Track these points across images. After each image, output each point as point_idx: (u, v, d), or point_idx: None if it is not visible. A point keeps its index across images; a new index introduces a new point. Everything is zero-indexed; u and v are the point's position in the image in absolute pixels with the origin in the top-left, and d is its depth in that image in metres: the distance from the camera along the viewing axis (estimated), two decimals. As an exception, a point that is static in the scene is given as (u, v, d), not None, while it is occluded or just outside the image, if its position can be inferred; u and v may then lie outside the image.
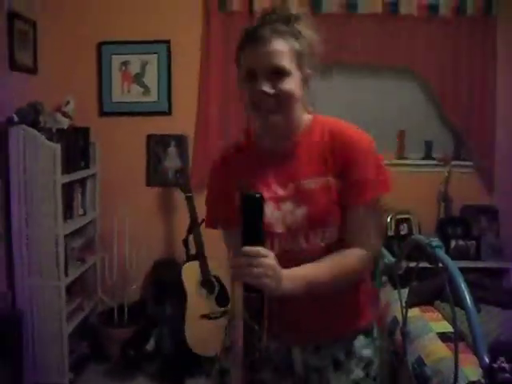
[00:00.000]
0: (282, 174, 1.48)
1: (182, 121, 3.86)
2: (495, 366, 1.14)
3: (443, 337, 1.87)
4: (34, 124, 3.15)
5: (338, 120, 1.53)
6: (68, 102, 3.44)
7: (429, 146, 3.91)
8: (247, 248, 1.24)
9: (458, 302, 1.44)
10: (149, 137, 3.91)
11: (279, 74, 1.38)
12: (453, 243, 3.66)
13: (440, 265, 1.56)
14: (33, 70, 3.46)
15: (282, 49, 1.38)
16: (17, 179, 3.09)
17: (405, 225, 3.77)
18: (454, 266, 1.49)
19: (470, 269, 3.56)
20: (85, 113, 3.72)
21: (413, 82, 3.92)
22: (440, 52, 3.74)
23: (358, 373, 1.51)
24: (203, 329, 3.39)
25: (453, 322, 1.49)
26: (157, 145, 3.91)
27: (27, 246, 3.15)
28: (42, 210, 3.13)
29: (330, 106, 3.90)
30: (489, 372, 1.14)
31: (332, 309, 1.49)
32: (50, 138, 3.17)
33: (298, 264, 1.37)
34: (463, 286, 1.37)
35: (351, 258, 1.43)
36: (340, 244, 1.45)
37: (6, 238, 3.14)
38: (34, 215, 3.13)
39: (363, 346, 1.53)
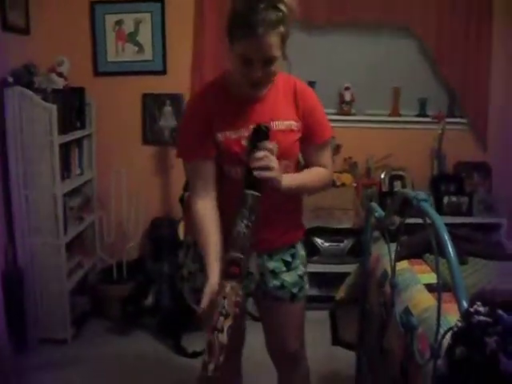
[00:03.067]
0: (257, 115, 1.78)
1: (177, 80, 3.87)
2: (471, 309, 1.20)
3: (430, 287, 1.92)
4: (29, 85, 3.16)
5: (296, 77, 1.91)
6: (62, 62, 3.43)
7: (423, 103, 3.94)
8: (266, 143, 1.66)
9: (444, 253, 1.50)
10: (144, 96, 3.92)
11: (270, 61, 1.65)
12: (445, 199, 3.72)
13: (426, 218, 1.61)
14: (25, 31, 3.43)
15: (274, 42, 1.61)
16: (13, 140, 3.12)
17: (398, 181, 3.83)
18: (438, 218, 1.54)
19: (462, 224, 3.66)
20: (80, 73, 3.72)
21: (408, 39, 3.91)
22: (437, 9, 3.73)
23: (301, 269, 2.03)
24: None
25: (436, 272, 1.55)
26: (152, 104, 3.93)
27: (26, 205, 3.20)
28: (39, 170, 3.18)
29: (326, 64, 3.94)
30: (465, 315, 1.20)
31: (284, 224, 1.94)
32: (45, 99, 3.18)
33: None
34: (446, 237, 1.43)
35: (323, 172, 1.92)
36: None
37: (4, 198, 3.18)
38: (32, 175, 3.18)
39: (301, 250, 2.05)
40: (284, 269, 1.98)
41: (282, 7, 1.61)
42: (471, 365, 1.13)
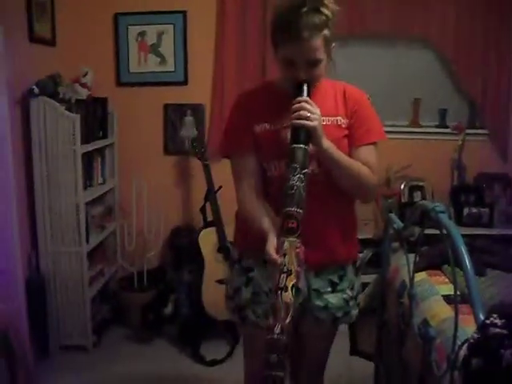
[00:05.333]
0: None
1: (198, 90, 3.92)
2: (488, 321, 1.20)
3: (448, 299, 1.92)
4: (54, 95, 3.23)
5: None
6: (86, 73, 3.50)
7: (443, 114, 3.93)
8: (303, 98, 1.65)
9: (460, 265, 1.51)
10: (166, 106, 3.97)
11: (314, 63, 1.68)
12: (466, 211, 3.70)
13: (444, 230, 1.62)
14: (51, 42, 3.51)
15: (318, 45, 1.64)
16: (38, 149, 3.19)
17: (418, 192, 3.82)
18: (455, 229, 1.54)
19: (483, 236, 3.63)
20: (102, 83, 3.78)
21: (427, 49, 3.92)
22: (455, 19, 3.72)
23: (348, 292, 1.93)
24: (219, 293, 3.47)
25: (453, 283, 1.56)
26: (173, 114, 3.98)
27: (49, 214, 3.26)
28: (62, 179, 3.24)
29: (345, 76, 3.93)
30: (481, 327, 1.21)
31: (336, 241, 1.85)
32: (69, 109, 3.25)
33: (310, 185, 1.61)
34: (463, 249, 1.43)
35: (367, 169, 1.80)
36: None
37: (28, 206, 3.25)
38: (56, 184, 3.24)
39: (351, 273, 1.94)
40: (329, 289, 1.90)
41: (325, 11, 1.64)
42: (487, 376, 1.14)
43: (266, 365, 1.33)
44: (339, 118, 1.81)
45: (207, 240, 3.55)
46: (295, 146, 1.61)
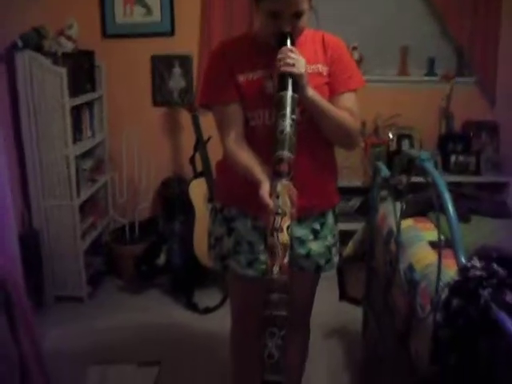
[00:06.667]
0: None
1: (186, 41, 3.88)
2: (468, 264, 1.25)
3: (433, 245, 1.98)
4: (39, 48, 3.19)
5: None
6: (71, 26, 3.44)
7: (431, 62, 3.92)
8: (288, 47, 1.67)
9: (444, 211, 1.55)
10: (153, 58, 3.93)
11: (299, 15, 1.69)
12: (453, 158, 3.74)
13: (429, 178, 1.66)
14: (34, -7, 3.45)
15: None
16: (25, 104, 3.18)
17: (406, 141, 3.84)
18: (439, 177, 1.58)
19: (470, 183, 3.69)
20: (88, 36, 3.72)
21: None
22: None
23: (330, 239, 1.99)
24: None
25: (437, 228, 1.61)
26: (161, 65, 3.95)
27: (40, 169, 3.28)
28: (52, 133, 3.23)
29: (333, 24, 3.90)
30: (462, 270, 1.25)
31: (316, 188, 1.88)
32: (55, 63, 3.22)
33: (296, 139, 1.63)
34: (446, 196, 1.48)
35: (348, 115, 1.82)
36: None
37: (19, 162, 3.25)
38: (45, 139, 3.24)
39: (332, 219, 2.00)
40: (311, 237, 1.94)
41: None
42: (466, 315, 1.20)
43: (266, 305, 1.35)
44: (319, 65, 1.83)
45: (197, 190, 3.58)
46: (283, 92, 1.63)
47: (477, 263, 1.24)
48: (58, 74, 3.17)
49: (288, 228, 1.48)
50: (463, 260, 1.32)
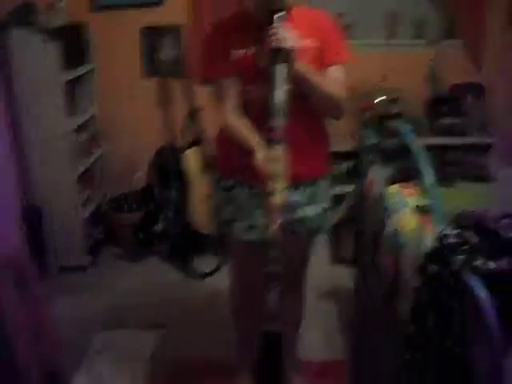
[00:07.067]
0: None
1: (175, 11, 3.88)
2: (444, 232, 1.36)
3: (417, 210, 2.08)
4: (30, 24, 3.23)
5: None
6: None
7: (419, 25, 3.96)
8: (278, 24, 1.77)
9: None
10: (142, 29, 3.95)
11: None
12: (441, 121, 3.81)
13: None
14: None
15: None
16: (20, 81, 3.24)
17: (395, 104, 3.90)
18: (418, 147, 1.67)
19: (456, 146, 3.78)
20: (77, 8, 3.74)
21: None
22: None
23: (323, 204, 2.14)
24: (206, 209, 3.62)
25: (417, 197, 1.71)
26: (151, 36, 3.97)
27: (38, 145, 3.37)
28: (47, 108, 3.32)
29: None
30: (438, 237, 1.36)
31: (310, 156, 2.02)
32: (47, 38, 3.25)
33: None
34: (425, 165, 1.57)
35: (339, 89, 1.97)
36: None
37: (16, 140, 3.32)
38: (41, 114, 3.32)
39: (325, 186, 2.15)
40: (306, 201, 2.08)
41: None
42: (440, 280, 1.31)
43: (265, 262, 1.46)
44: (309, 41, 1.94)
45: (191, 159, 3.66)
46: (275, 66, 1.75)
47: (453, 231, 1.34)
48: (50, 49, 3.23)
49: (283, 190, 1.59)
50: (440, 228, 1.43)
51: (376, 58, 3.92)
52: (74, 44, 3.61)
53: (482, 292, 1.21)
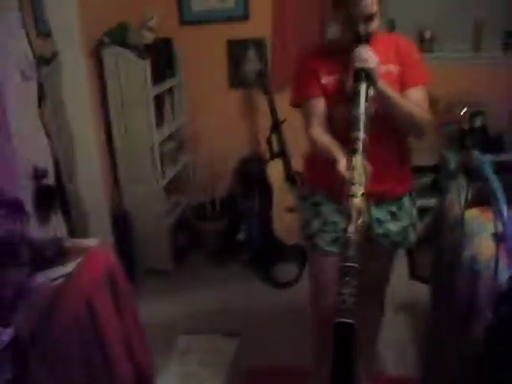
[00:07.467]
0: None
1: (259, 25, 4.00)
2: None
3: (497, 238, 2.07)
4: (123, 42, 3.42)
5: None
6: (152, 18, 3.64)
7: (508, 36, 3.86)
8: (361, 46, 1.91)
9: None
10: (228, 42, 4.09)
11: (371, 17, 1.94)
12: (525, 137, 3.72)
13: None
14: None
15: (372, 1, 1.91)
16: (113, 96, 3.45)
17: (479, 118, 3.83)
18: (496, 183, 1.68)
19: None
20: (166, 24, 3.91)
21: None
22: None
23: (406, 221, 2.24)
24: (288, 220, 3.72)
25: (494, 226, 1.72)
26: (236, 49, 4.10)
27: (128, 156, 3.58)
28: (137, 122, 3.51)
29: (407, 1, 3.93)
30: (510, 278, 1.37)
31: (392, 177, 2.13)
32: (139, 55, 3.43)
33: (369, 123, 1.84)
34: (499, 193, 1.59)
35: (421, 109, 2.05)
36: None
37: (109, 150, 3.54)
38: (131, 128, 3.51)
39: (408, 203, 2.24)
40: (389, 218, 2.20)
41: None
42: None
43: (342, 259, 1.49)
44: (391, 65, 2.06)
45: (274, 170, 3.75)
46: (358, 84, 1.87)
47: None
48: (142, 66, 3.40)
49: (362, 195, 1.66)
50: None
51: (462, 70, 3.87)
52: (163, 59, 3.79)
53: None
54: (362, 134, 1.76)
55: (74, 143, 3.08)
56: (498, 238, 1.71)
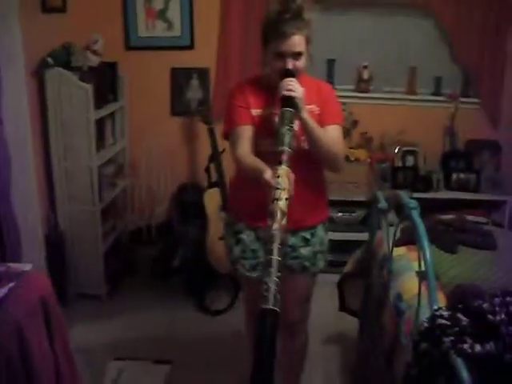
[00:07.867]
0: None
1: (204, 54, 4.09)
2: (436, 313, 1.47)
3: (421, 275, 2.18)
4: (67, 64, 3.41)
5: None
6: (97, 41, 3.65)
7: (438, 82, 4.09)
8: (289, 78, 2.07)
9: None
10: (173, 70, 4.15)
11: (298, 55, 2.11)
12: (454, 176, 3.91)
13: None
14: (62, 9, 3.64)
15: (300, 41, 2.10)
16: (53, 117, 3.43)
17: (411, 157, 4.02)
18: (421, 225, 1.79)
19: (469, 200, 3.87)
20: (112, 48, 3.93)
21: (426, 19, 4.05)
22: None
23: (318, 247, 2.38)
24: (222, 248, 3.73)
25: (419, 265, 1.83)
26: (180, 77, 4.16)
27: (65, 176, 3.54)
28: (76, 144, 3.49)
29: (345, 43, 4.11)
30: (431, 318, 1.47)
31: (307, 206, 2.27)
32: (82, 78, 3.43)
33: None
34: (425, 246, 1.69)
35: (333, 140, 2.22)
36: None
37: (46, 170, 3.51)
38: (70, 149, 3.50)
39: (321, 231, 2.40)
40: (302, 244, 2.35)
41: (305, 16, 2.12)
42: (430, 357, 1.41)
43: (266, 252, 1.60)
44: (313, 106, 2.24)
45: (211, 199, 3.79)
46: (284, 109, 2.02)
47: (444, 313, 1.45)
48: (85, 89, 3.39)
49: (286, 199, 1.77)
50: (435, 306, 1.54)
51: (395, 112, 4.07)
52: (107, 82, 3.80)
53: (465, 374, 1.32)
54: (286, 148, 1.89)
55: (10, 163, 3.03)
56: (422, 275, 1.82)
